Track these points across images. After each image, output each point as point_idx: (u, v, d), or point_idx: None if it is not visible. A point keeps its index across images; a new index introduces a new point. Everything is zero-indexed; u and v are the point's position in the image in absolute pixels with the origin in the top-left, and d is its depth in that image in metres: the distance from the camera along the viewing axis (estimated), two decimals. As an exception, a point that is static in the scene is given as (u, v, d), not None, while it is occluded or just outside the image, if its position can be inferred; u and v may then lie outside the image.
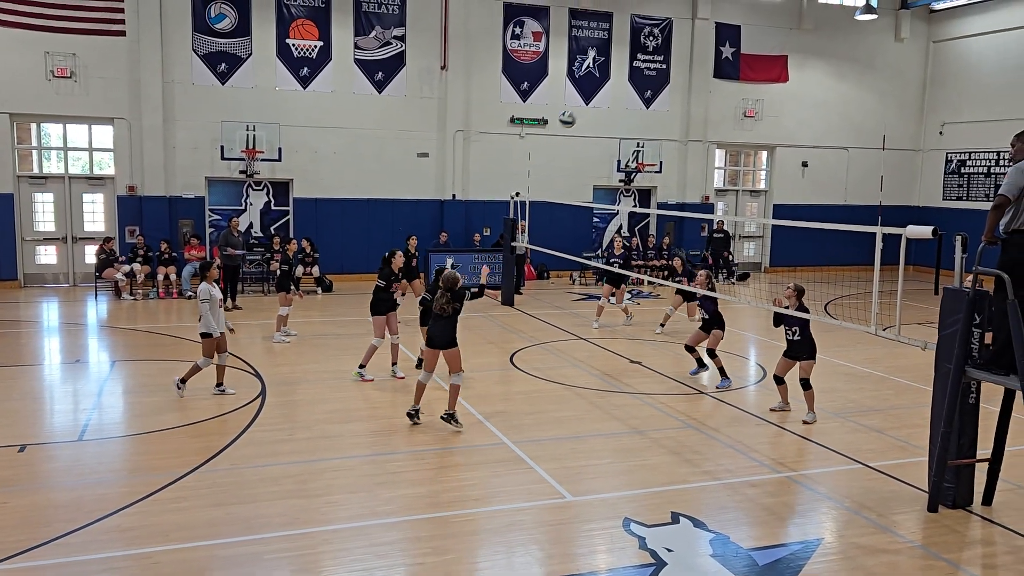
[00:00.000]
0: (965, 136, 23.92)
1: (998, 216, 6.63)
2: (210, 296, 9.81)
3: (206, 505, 6.76)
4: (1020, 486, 7.43)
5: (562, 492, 7.22)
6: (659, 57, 22.44)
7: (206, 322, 9.78)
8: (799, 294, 9.48)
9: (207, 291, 9.79)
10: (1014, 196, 6.52)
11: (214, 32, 18.81)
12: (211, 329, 9.78)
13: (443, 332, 8.87)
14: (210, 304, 9.78)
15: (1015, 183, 6.52)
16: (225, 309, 15.79)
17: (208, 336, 9.80)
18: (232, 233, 16.68)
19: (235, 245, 16.53)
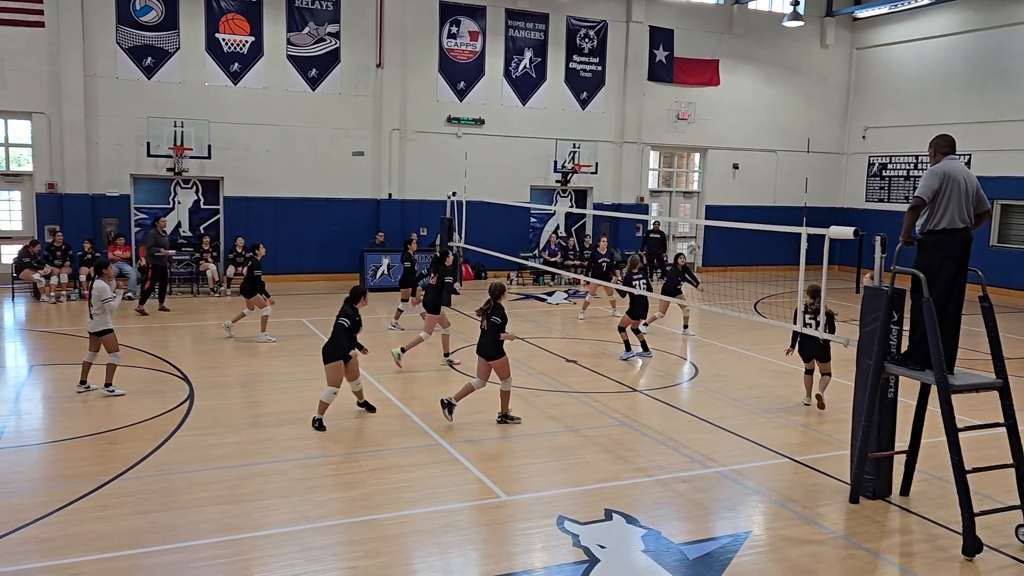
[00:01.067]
0: (886, 140, 24.84)
1: (914, 217, 6.90)
2: (112, 295, 9.95)
3: (130, 513, 6.55)
4: (935, 476, 7.75)
5: (497, 492, 7.23)
6: (595, 59, 22.67)
7: (107, 319, 9.85)
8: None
9: (105, 289, 9.86)
10: (929, 198, 6.79)
11: (139, 25, 18.24)
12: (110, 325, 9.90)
13: (487, 343, 9.16)
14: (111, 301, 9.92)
15: (929, 186, 6.79)
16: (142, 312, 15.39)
17: (111, 332, 9.86)
18: (160, 233, 16.17)
19: (163, 245, 16.06)
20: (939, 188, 6.75)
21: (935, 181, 6.77)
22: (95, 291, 9.80)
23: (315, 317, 15.50)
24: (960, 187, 6.77)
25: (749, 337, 14.65)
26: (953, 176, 6.78)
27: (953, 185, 6.75)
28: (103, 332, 9.83)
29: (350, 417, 9.45)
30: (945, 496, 7.22)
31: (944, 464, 6.92)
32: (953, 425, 6.35)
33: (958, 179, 6.78)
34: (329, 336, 9.08)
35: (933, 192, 6.76)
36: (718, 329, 15.47)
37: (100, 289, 9.79)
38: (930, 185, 6.78)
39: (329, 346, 8.97)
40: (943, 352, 6.51)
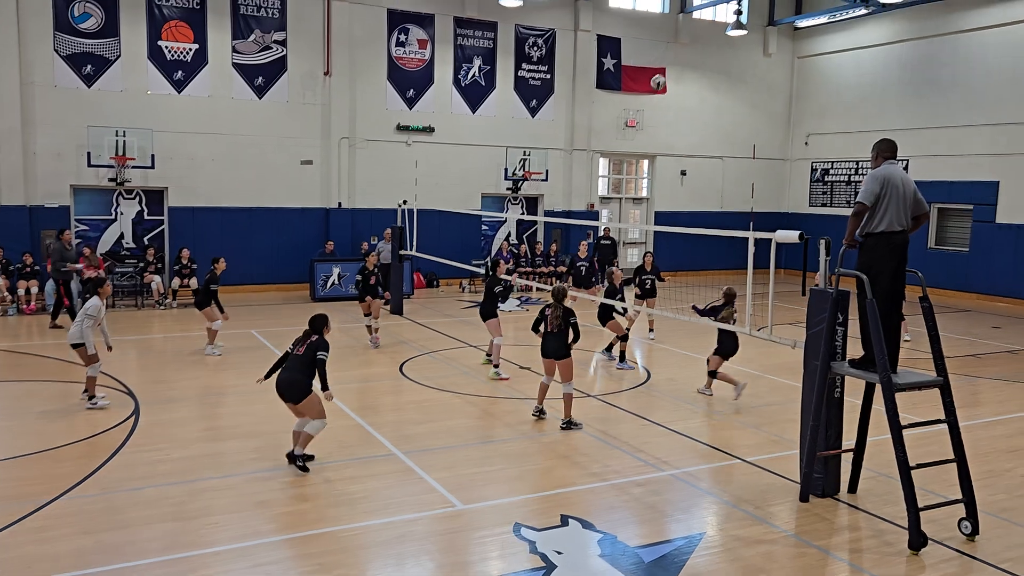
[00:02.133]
0: (829, 146, 25.49)
1: (857, 222, 7.08)
2: (97, 313, 9.80)
3: (73, 533, 6.34)
4: (881, 474, 7.95)
5: (453, 501, 7.19)
6: (543, 67, 22.81)
7: (84, 334, 9.64)
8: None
9: (98, 307, 9.81)
10: (871, 203, 6.98)
11: (78, 32, 17.77)
12: (88, 343, 9.68)
13: (557, 344, 9.39)
14: (93, 321, 9.77)
15: (871, 191, 6.98)
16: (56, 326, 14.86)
17: (83, 346, 9.68)
18: (65, 247, 15.41)
19: (70, 259, 15.32)
20: (880, 192, 6.94)
21: (876, 185, 6.96)
22: (85, 306, 9.93)
23: (264, 328, 15.26)
24: (899, 191, 6.96)
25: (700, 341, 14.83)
26: (892, 180, 6.98)
27: (892, 189, 6.95)
28: (75, 344, 9.77)
29: (302, 429, 9.30)
30: (891, 492, 7.41)
31: (889, 461, 7.10)
32: (897, 423, 6.52)
33: (897, 183, 6.98)
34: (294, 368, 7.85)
35: (875, 196, 6.95)
36: (669, 333, 15.65)
37: (88, 305, 9.89)
38: (871, 190, 6.97)
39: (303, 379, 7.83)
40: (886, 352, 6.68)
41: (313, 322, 8.04)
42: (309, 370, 7.82)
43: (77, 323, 9.84)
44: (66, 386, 10.91)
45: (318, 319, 8.05)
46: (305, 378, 7.80)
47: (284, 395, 7.83)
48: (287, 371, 7.87)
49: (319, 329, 8.02)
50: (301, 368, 7.81)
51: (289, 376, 7.82)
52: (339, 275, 19.16)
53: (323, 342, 7.93)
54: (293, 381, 7.78)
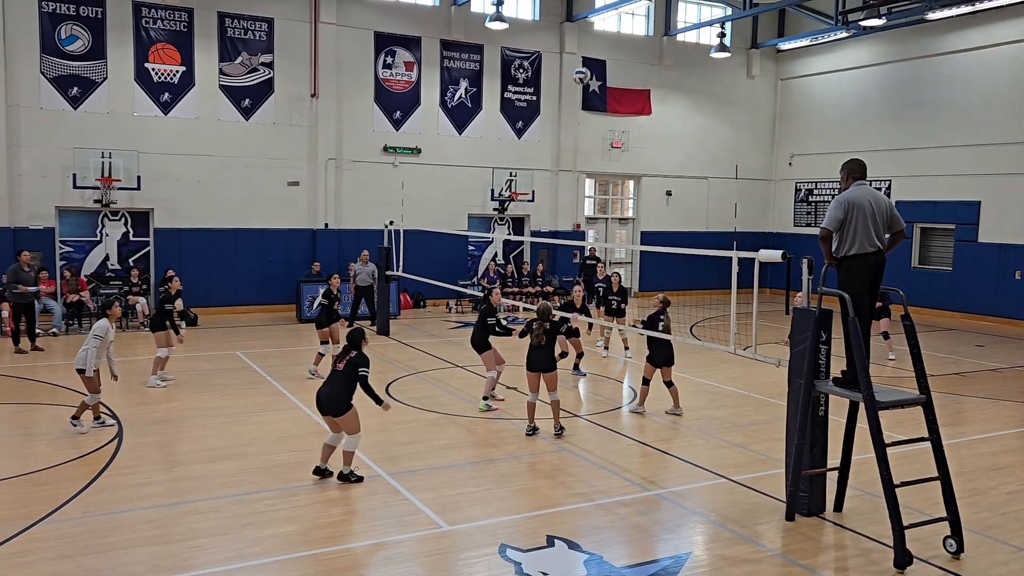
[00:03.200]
0: (812, 167, 25.76)
1: (826, 246, 7.18)
2: (104, 335, 9.65)
3: (54, 558, 6.26)
4: (866, 492, 7.97)
5: (438, 522, 7.16)
6: (529, 89, 22.99)
7: (86, 358, 9.50)
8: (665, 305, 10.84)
9: (105, 328, 9.71)
10: (835, 228, 7.06)
11: (65, 54, 17.78)
12: (87, 366, 9.54)
13: (543, 358, 9.71)
14: (100, 343, 9.62)
15: (835, 217, 7.07)
16: (20, 351, 14.62)
17: (84, 372, 9.55)
18: (22, 268, 15.03)
19: (25, 281, 14.86)
20: (844, 218, 7.02)
21: (839, 211, 7.05)
22: (93, 328, 9.79)
23: (249, 350, 15.18)
24: (867, 212, 7.02)
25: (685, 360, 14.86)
26: (858, 203, 7.04)
27: (859, 212, 7.01)
28: (80, 371, 9.59)
29: (286, 451, 9.25)
30: (876, 511, 7.42)
31: (874, 479, 7.12)
32: (881, 441, 6.55)
33: (863, 205, 7.04)
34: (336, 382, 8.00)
35: (838, 222, 7.04)
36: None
37: (94, 328, 9.75)
38: (835, 216, 7.05)
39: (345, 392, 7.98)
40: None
41: (351, 337, 8.22)
42: (350, 384, 8.01)
43: (83, 347, 9.61)
44: (48, 409, 10.81)
45: (355, 333, 8.24)
46: (346, 391, 7.99)
47: (324, 408, 8.02)
48: (328, 384, 8.08)
49: (357, 344, 8.19)
50: (343, 382, 8.01)
51: (331, 390, 8.01)
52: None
53: (363, 357, 8.11)
54: (334, 394, 7.97)
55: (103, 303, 10.17)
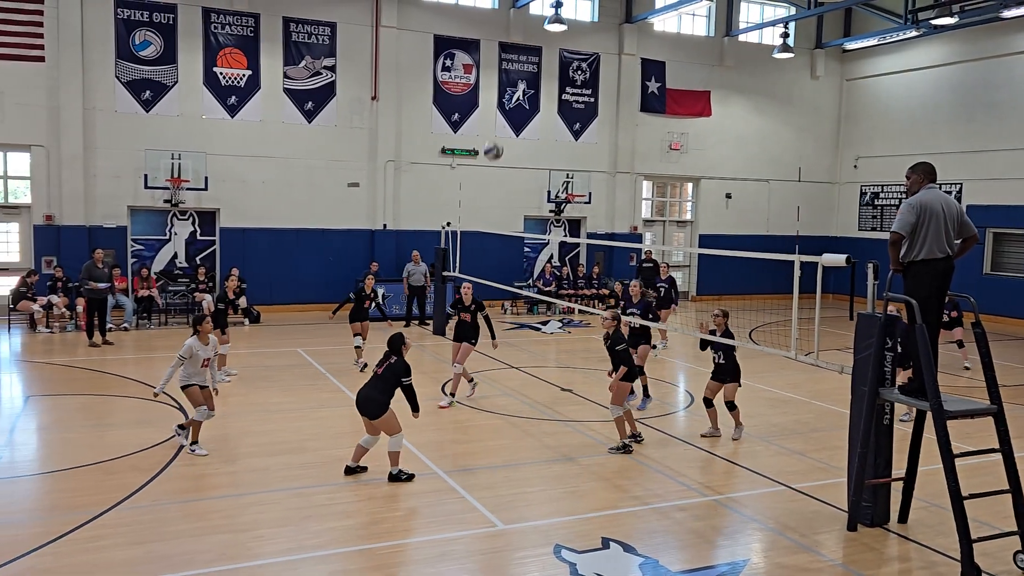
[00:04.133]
0: (878, 169, 25.10)
1: (896, 251, 6.98)
2: (192, 354, 8.84)
3: (125, 544, 6.51)
4: (933, 504, 7.75)
5: (494, 520, 7.21)
6: (587, 91, 22.94)
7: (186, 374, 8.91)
8: (725, 318, 9.87)
9: (190, 349, 8.83)
10: (906, 232, 6.87)
11: (138, 59, 18.43)
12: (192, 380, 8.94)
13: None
14: (191, 361, 8.87)
15: (906, 220, 6.87)
16: (94, 344, 15.10)
17: (189, 387, 8.95)
18: (95, 265, 15.51)
19: (98, 278, 15.35)
20: (916, 221, 6.84)
21: (911, 215, 6.86)
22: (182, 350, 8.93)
23: (310, 347, 15.49)
24: (939, 217, 6.83)
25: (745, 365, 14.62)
26: (930, 207, 6.85)
27: (931, 216, 6.82)
28: (184, 386, 8.99)
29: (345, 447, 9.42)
30: (943, 523, 7.22)
31: (941, 491, 6.93)
32: (949, 451, 6.37)
33: (936, 209, 6.85)
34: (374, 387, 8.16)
35: (911, 226, 6.85)
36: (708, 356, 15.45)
37: (183, 348, 8.89)
38: (907, 219, 6.86)
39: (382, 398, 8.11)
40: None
41: (391, 343, 8.36)
42: (388, 389, 8.14)
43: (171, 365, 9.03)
44: (120, 400, 11.22)
45: (395, 339, 8.37)
46: (383, 397, 8.11)
47: (362, 410, 8.18)
48: (367, 388, 8.21)
49: (397, 349, 8.30)
50: (381, 387, 8.14)
51: (368, 393, 8.15)
52: (383, 295, 19.38)
53: (402, 363, 8.22)
54: (371, 398, 8.11)
55: (194, 319, 9.36)
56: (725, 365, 9.88)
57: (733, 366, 9.89)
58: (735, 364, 9.91)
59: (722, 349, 9.81)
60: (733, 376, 9.91)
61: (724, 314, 9.90)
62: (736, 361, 9.92)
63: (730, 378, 9.91)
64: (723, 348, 9.80)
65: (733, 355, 9.87)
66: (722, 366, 9.90)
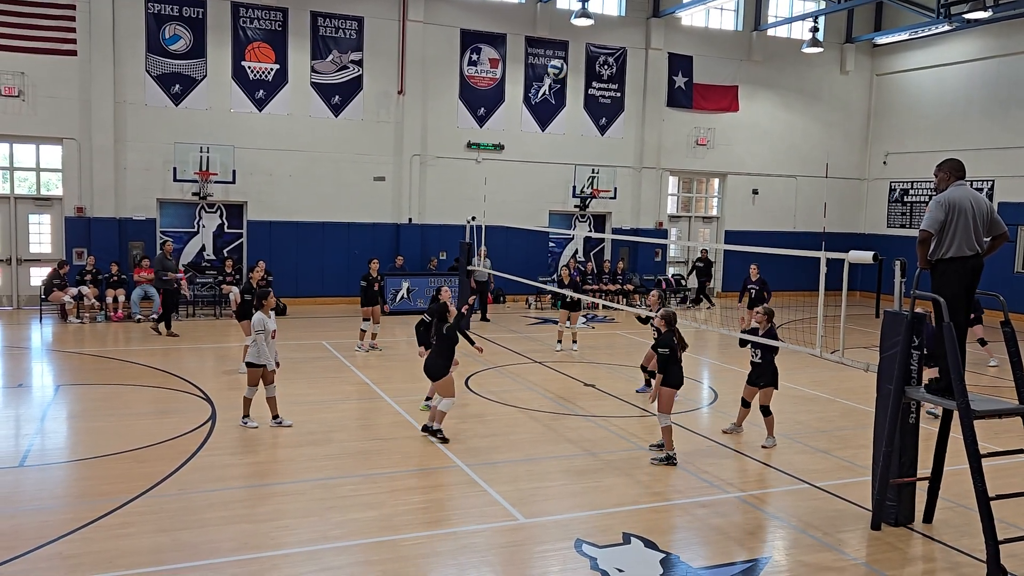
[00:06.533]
0: (908, 166, 24.75)
1: (925, 249, 6.89)
2: (264, 327, 9.48)
3: (152, 531, 6.62)
4: (958, 504, 7.66)
5: (515, 514, 7.23)
6: (614, 85, 22.84)
7: (256, 351, 9.50)
8: (769, 317, 9.52)
9: (262, 321, 9.48)
10: (936, 230, 6.78)
11: (168, 53, 18.65)
12: (262, 359, 9.51)
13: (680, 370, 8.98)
14: (264, 335, 9.49)
15: (935, 218, 6.78)
16: (157, 333, 15.47)
17: (253, 366, 9.54)
18: (167, 257, 16.04)
19: (171, 269, 15.90)
20: (944, 219, 6.75)
21: (940, 212, 6.77)
22: (252, 323, 9.60)
23: (335, 340, 15.62)
24: (968, 214, 6.74)
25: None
26: (959, 204, 6.76)
27: (960, 213, 6.73)
28: (248, 364, 9.61)
29: (369, 439, 9.50)
30: (969, 524, 7.13)
31: (967, 491, 6.84)
32: (976, 451, 6.28)
33: (965, 207, 6.75)
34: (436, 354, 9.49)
35: (940, 224, 6.76)
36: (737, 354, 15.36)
37: (254, 321, 9.53)
38: (936, 217, 6.77)
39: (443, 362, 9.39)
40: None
41: (435, 312, 10.12)
42: (445, 351, 9.46)
43: (251, 343, 9.63)
44: (148, 390, 11.40)
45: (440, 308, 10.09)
46: (443, 360, 9.41)
47: (428, 374, 9.49)
48: (431, 356, 9.59)
49: (443, 316, 9.95)
50: (439, 351, 9.51)
51: (432, 360, 9.51)
52: (408, 289, 19.50)
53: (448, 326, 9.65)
54: (434, 365, 9.44)
55: (258, 293, 9.86)
56: (761, 365, 9.54)
57: (771, 368, 9.56)
58: (773, 367, 9.57)
59: (761, 347, 9.49)
60: (769, 379, 9.57)
61: (768, 313, 9.53)
62: (775, 364, 9.59)
63: (765, 381, 9.57)
64: (762, 347, 9.47)
65: (772, 357, 9.54)
66: (758, 365, 9.55)
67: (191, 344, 14.95)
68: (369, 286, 14.63)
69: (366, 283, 14.64)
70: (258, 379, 9.64)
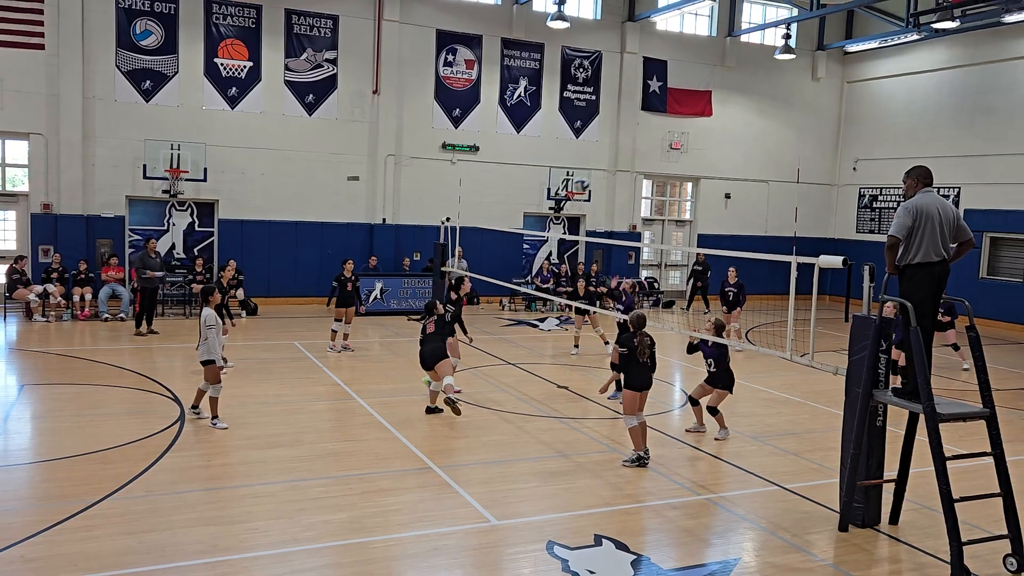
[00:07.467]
0: (877, 172, 25.11)
1: (893, 254, 7.01)
2: (216, 322, 9.62)
3: (118, 533, 6.52)
4: (924, 505, 7.77)
5: (487, 516, 7.22)
6: (589, 88, 22.93)
7: (210, 348, 9.52)
8: (718, 330, 9.98)
9: (214, 317, 9.63)
10: (903, 236, 6.89)
11: (139, 49, 18.40)
12: (215, 356, 9.57)
13: (648, 375, 8.81)
14: (216, 331, 9.57)
15: (903, 224, 6.89)
16: (139, 334, 15.31)
17: (212, 363, 9.55)
18: (149, 255, 15.89)
19: (153, 267, 15.75)
20: (912, 225, 6.86)
21: (908, 219, 6.88)
22: (201, 318, 9.61)
23: (307, 340, 15.50)
24: (935, 221, 6.85)
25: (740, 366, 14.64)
26: (926, 211, 6.87)
27: (927, 220, 6.85)
28: (204, 362, 9.59)
29: (340, 441, 9.44)
30: (933, 525, 7.25)
31: (932, 493, 6.94)
32: (941, 454, 6.39)
33: (932, 213, 6.87)
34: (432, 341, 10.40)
35: (907, 230, 6.87)
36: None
37: (205, 316, 9.59)
38: (903, 223, 6.89)
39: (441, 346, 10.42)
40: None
41: (428, 306, 10.89)
42: (441, 336, 10.52)
43: (202, 340, 9.57)
44: (115, 390, 11.23)
45: (430, 304, 10.86)
46: (440, 343, 10.40)
47: (427, 364, 10.32)
48: (427, 345, 10.34)
49: (432, 311, 10.72)
50: (435, 338, 10.40)
51: (431, 348, 10.31)
52: (382, 290, 19.42)
53: (442, 316, 10.77)
54: (434, 351, 10.29)
55: (203, 289, 10.02)
56: (717, 373, 9.96)
57: (727, 375, 9.95)
58: (729, 373, 9.97)
59: (713, 358, 9.90)
60: (724, 384, 9.96)
61: (718, 325, 10.03)
62: (730, 370, 9.99)
63: (721, 385, 9.97)
64: (715, 357, 9.89)
65: (726, 363, 9.93)
66: (714, 374, 9.98)
67: (160, 344, 14.75)
68: (342, 286, 14.63)
69: (338, 283, 14.70)
70: (218, 375, 9.62)
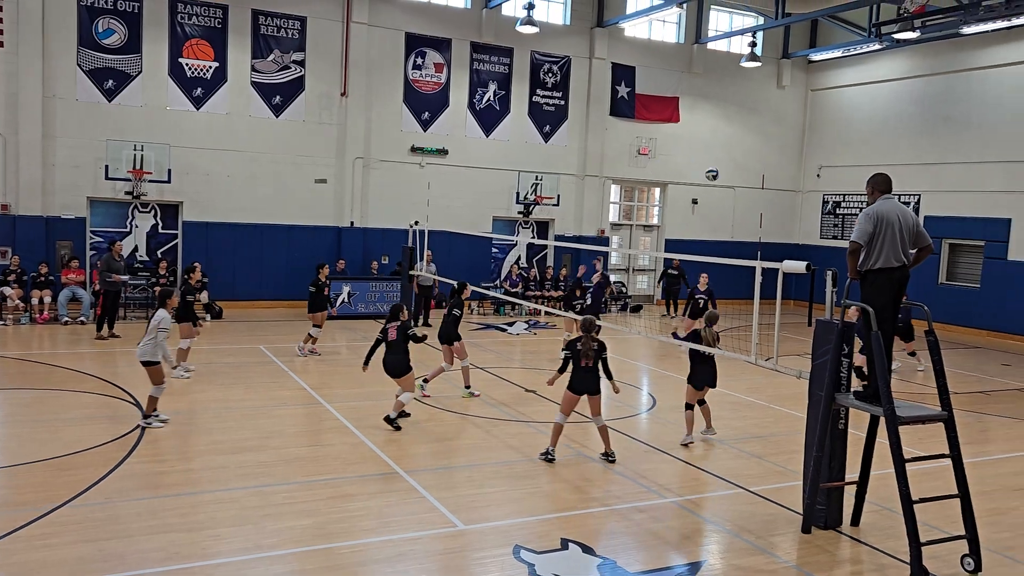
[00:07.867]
0: (840, 179, 25.54)
1: (854, 260, 7.12)
2: (169, 326, 9.74)
3: (76, 541, 6.38)
4: (884, 507, 7.90)
5: (454, 521, 7.20)
6: (558, 93, 23.02)
7: (160, 350, 9.53)
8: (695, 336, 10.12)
9: (168, 321, 9.72)
10: (864, 242, 7.01)
11: (101, 48, 18.09)
12: (158, 358, 9.58)
13: (592, 379, 8.89)
14: (166, 333, 9.65)
15: (864, 230, 7.02)
16: (101, 337, 15.05)
17: (157, 364, 9.57)
18: (114, 258, 15.63)
19: (117, 270, 15.49)
20: (873, 231, 6.98)
21: (869, 225, 7.00)
22: (154, 319, 9.64)
23: (273, 344, 15.33)
24: (895, 227, 6.98)
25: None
26: (887, 217, 7.00)
27: (887, 226, 6.97)
28: (148, 363, 9.55)
29: (305, 446, 9.35)
30: (893, 526, 7.37)
31: (893, 495, 7.07)
32: (901, 456, 6.50)
33: (892, 219, 7.00)
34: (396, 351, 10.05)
35: (868, 236, 6.99)
36: (676, 361, 15.62)
37: (160, 318, 9.64)
38: (864, 229, 7.01)
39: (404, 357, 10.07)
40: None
41: (392, 310, 10.36)
42: (403, 347, 10.03)
43: (149, 339, 9.51)
44: (75, 396, 11.00)
45: (395, 307, 10.38)
46: (403, 356, 10.00)
47: (389, 373, 10.02)
48: (390, 354, 10.02)
49: (397, 315, 10.19)
50: (397, 348, 10.01)
51: (393, 358, 10.01)
52: (349, 293, 19.28)
53: (406, 324, 10.16)
54: (397, 361, 9.99)
55: (161, 292, 10.15)
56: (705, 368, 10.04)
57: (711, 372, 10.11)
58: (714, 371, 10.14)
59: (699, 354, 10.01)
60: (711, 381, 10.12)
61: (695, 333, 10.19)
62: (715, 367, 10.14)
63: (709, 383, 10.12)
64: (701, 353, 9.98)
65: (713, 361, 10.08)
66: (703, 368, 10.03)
67: (122, 347, 14.49)
68: (319, 291, 14.44)
69: (315, 288, 14.45)
70: (162, 376, 9.65)
